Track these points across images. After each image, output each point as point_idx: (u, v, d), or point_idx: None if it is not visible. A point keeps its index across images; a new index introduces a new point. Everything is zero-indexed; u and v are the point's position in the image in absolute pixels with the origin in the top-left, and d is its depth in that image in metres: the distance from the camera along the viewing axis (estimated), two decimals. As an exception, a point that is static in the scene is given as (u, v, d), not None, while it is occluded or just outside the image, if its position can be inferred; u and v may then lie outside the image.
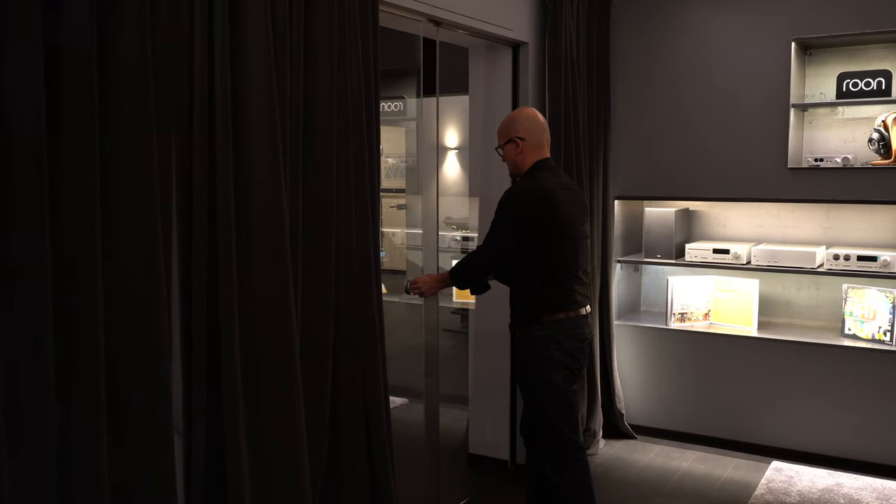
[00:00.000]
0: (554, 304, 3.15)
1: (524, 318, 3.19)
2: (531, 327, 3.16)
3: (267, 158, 2.30)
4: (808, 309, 4.77)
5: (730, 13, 4.56)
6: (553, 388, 3.12)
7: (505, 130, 3.24)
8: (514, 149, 3.20)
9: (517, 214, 3.11)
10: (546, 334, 3.13)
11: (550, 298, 3.16)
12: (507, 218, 3.12)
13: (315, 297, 2.59)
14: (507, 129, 3.24)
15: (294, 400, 2.40)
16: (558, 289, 3.15)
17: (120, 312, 1.93)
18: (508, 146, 3.21)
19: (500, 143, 3.23)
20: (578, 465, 3.19)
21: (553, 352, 3.12)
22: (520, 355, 3.25)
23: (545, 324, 3.13)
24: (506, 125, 3.25)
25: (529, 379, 3.19)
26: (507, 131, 3.23)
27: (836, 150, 4.56)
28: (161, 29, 2.01)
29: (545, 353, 3.13)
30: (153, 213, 1.96)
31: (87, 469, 1.84)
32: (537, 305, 3.16)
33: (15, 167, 1.66)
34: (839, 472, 4.26)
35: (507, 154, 3.23)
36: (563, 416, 3.15)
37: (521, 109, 3.35)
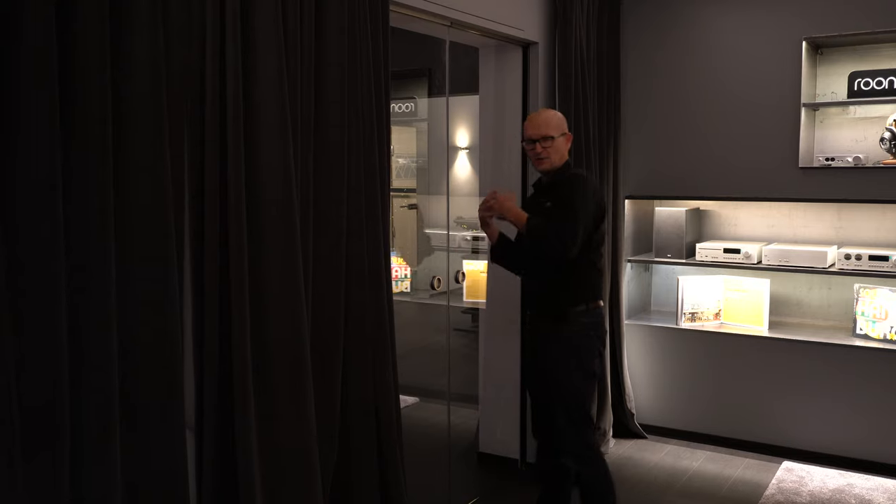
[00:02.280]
0: (595, 292, 3.25)
1: (563, 307, 3.18)
2: (572, 316, 3.17)
3: (278, 158, 2.31)
4: (820, 309, 4.75)
5: (741, 13, 4.56)
6: (591, 375, 3.21)
7: (559, 123, 3.24)
8: (565, 142, 3.24)
9: (592, 195, 3.15)
10: (588, 321, 3.20)
11: (594, 286, 3.26)
12: (589, 198, 3.12)
13: (326, 297, 2.60)
14: (560, 122, 3.25)
15: (305, 398, 2.42)
16: (599, 277, 3.29)
17: (132, 311, 1.94)
18: (561, 139, 3.22)
19: (555, 135, 3.20)
20: (601, 455, 3.32)
21: (593, 339, 3.22)
22: (555, 346, 3.19)
23: (588, 311, 3.19)
24: (558, 119, 3.26)
25: (564, 370, 3.17)
26: (561, 125, 3.25)
27: (847, 149, 4.54)
28: (173, 29, 2.03)
29: (586, 342, 3.19)
30: (165, 213, 1.98)
31: (99, 466, 1.86)
32: (582, 293, 3.19)
33: (28, 165, 1.68)
34: (850, 473, 4.24)
35: (556, 146, 3.20)
36: (593, 404, 3.27)
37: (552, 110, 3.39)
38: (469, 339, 5.73)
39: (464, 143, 6.22)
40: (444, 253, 4.57)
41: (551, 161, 3.21)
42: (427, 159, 6.39)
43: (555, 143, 3.20)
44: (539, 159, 3.22)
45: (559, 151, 3.22)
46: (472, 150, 6.10)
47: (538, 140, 3.19)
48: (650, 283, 5.29)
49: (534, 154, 3.22)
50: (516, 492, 4.15)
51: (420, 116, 6.44)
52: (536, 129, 3.21)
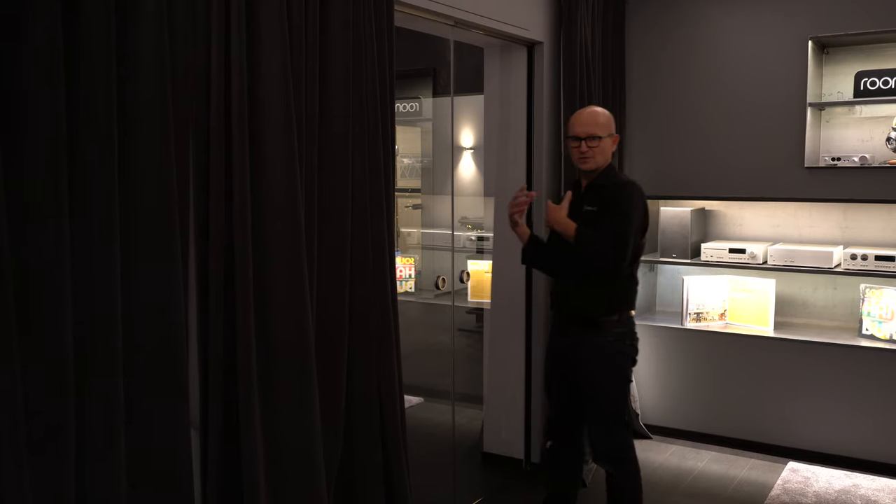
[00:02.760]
0: (630, 302, 3.21)
1: (597, 315, 3.12)
2: (606, 325, 3.12)
3: (283, 157, 2.32)
4: (825, 309, 4.74)
5: (746, 12, 4.55)
6: (626, 380, 3.21)
7: (607, 123, 3.16)
8: (611, 143, 3.18)
9: (643, 208, 3.12)
10: (621, 331, 3.15)
11: (630, 296, 3.22)
12: (641, 212, 3.10)
13: (330, 296, 2.60)
14: (608, 122, 3.17)
15: (309, 397, 2.42)
16: (635, 286, 3.25)
17: (137, 310, 1.95)
18: (608, 139, 3.15)
19: (602, 135, 3.13)
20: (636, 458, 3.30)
21: (627, 347, 3.18)
22: (589, 353, 3.14)
23: (620, 321, 3.14)
24: (607, 117, 3.18)
25: (599, 376, 3.14)
26: (609, 125, 3.17)
27: (853, 149, 4.53)
28: (177, 27, 2.03)
29: (620, 349, 3.16)
30: (170, 212, 1.99)
31: (104, 465, 1.86)
32: (617, 302, 3.15)
33: (34, 166, 1.69)
34: (856, 474, 4.23)
35: (602, 146, 3.12)
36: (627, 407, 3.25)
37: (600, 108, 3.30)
38: (473, 340, 5.74)
39: (468, 143, 6.22)
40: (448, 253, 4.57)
41: (596, 161, 3.13)
42: (432, 159, 6.39)
43: (601, 144, 3.12)
44: (583, 158, 3.12)
45: (605, 152, 3.14)
46: (476, 150, 6.10)
47: (584, 138, 3.11)
48: (655, 283, 5.28)
49: (578, 153, 3.13)
50: (521, 492, 4.15)
51: (425, 116, 6.44)
52: (584, 126, 3.12)
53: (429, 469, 4.13)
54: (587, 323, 3.14)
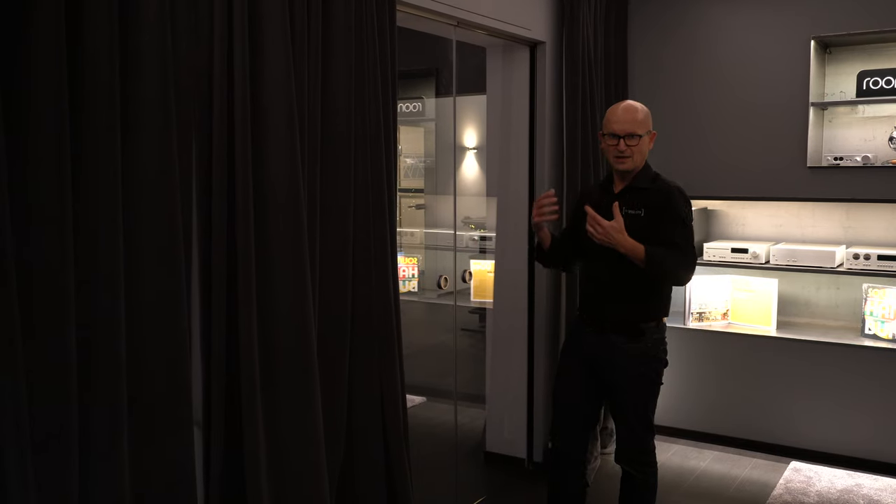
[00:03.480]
0: (667, 309, 3.12)
1: (637, 322, 3.02)
2: (647, 332, 3.03)
3: (285, 158, 2.32)
4: (828, 309, 4.74)
5: (749, 11, 4.55)
6: (658, 385, 3.14)
7: (646, 119, 2.99)
8: (649, 141, 3.02)
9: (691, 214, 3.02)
10: (661, 336, 3.08)
11: (669, 300, 3.13)
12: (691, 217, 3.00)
13: (333, 296, 2.61)
14: (647, 118, 3.00)
15: (311, 396, 2.43)
16: (670, 292, 3.14)
17: (140, 308, 1.96)
18: (646, 137, 2.98)
19: (642, 133, 2.96)
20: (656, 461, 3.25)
21: (661, 353, 3.10)
22: (625, 360, 3.03)
23: (657, 328, 3.06)
24: (646, 114, 3.00)
25: (635, 382, 3.05)
26: (648, 121, 3.00)
27: (856, 148, 4.53)
28: (181, 29, 2.04)
29: (661, 355, 3.09)
30: (173, 211, 2.00)
31: (108, 464, 1.87)
32: (662, 307, 3.07)
33: (37, 166, 1.70)
34: (858, 473, 4.23)
35: (642, 145, 2.97)
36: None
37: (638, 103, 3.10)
38: (476, 339, 5.74)
39: (471, 143, 6.23)
40: (451, 252, 4.57)
41: (634, 161, 2.96)
42: (434, 159, 6.40)
43: (640, 142, 2.95)
44: (621, 158, 2.95)
45: (643, 152, 2.98)
46: (479, 150, 6.11)
47: (624, 136, 2.92)
48: (658, 283, 5.27)
49: (615, 151, 2.95)
50: (523, 491, 4.16)
51: (427, 116, 6.45)
52: (622, 124, 2.93)
53: (431, 468, 4.14)
54: (629, 329, 3.02)
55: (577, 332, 3.21)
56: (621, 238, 2.84)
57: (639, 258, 2.85)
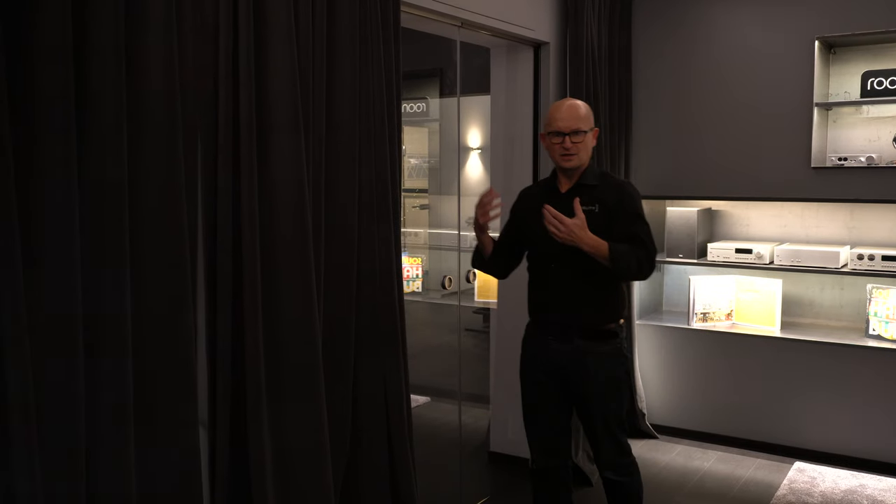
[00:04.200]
0: (625, 307, 3.02)
1: (604, 323, 2.94)
2: (616, 332, 2.96)
3: (290, 158, 2.33)
4: (832, 309, 4.74)
5: (753, 11, 4.55)
6: (629, 387, 3.08)
7: (588, 116, 2.91)
8: (592, 138, 2.94)
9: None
10: (623, 335, 3.00)
11: (625, 300, 3.04)
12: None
13: (337, 296, 2.62)
14: (590, 115, 2.92)
15: (316, 397, 2.43)
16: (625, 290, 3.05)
17: (146, 310, 1.97)
18: (590, 134, 2.92)
19: (586, 129, 2.90)
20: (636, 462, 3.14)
21: (626, 352, 3.02)
22: (598, 363, 2.92)
23: (622, 325, 2.97)
24: (587, 110, 2.92)
25: (609, 386, 2.95)
26: (590, 117, 2.92)
27: (860, 149, 4.52)
28: (186, 30, 2.05)
29: (623, 355, 2.99)
30: (179, 212, 2.00)
31: (115, 463, 1.88)
32: (622, 305, 2.99)
33: (44, 165, 1.71)
34: (863, 474, 4.23)
35: (587, 141, 2.90)
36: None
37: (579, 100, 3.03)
38: (480, 339, 5.75)
39: (475, 144, 6.23)
40: (455, 253, 4.58)
41: (580, 158, 2.89)
42: (438, 159, 6.40)
43: (585, 139, 2.90)
44: (567, 156, 2.87)
45: (588, 148, 2.91)
46: (483, 150, 6.11)
47: (569, 134, 2.86)
48: (662, 283, 5.28)
49: (560, 149, 2.88)
50: (527, 491, 4.15)
51: (431, 117, 6.46)
52: (566, 121, 2.87)
53: (435, 468, 4.15)
54: (597, 332, 2.93)
55: (538, 343, 3.03)
56: (584, 235, 2.75)
57: (602, 255, 2.77)
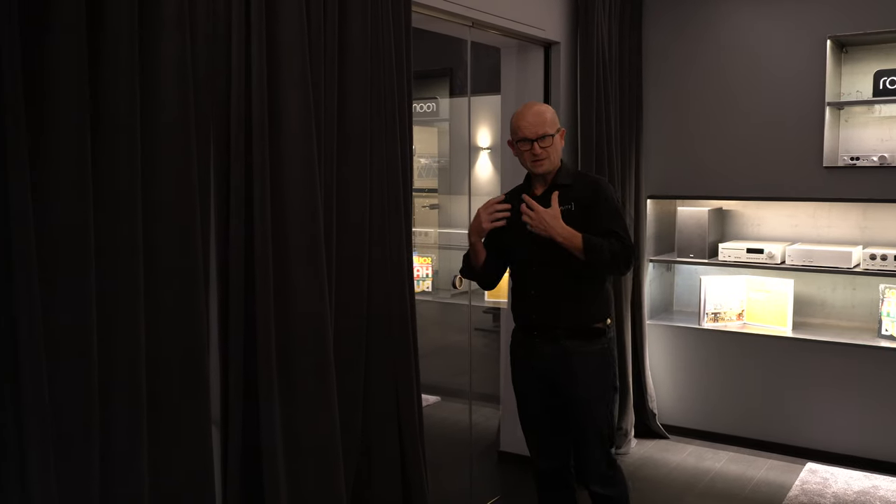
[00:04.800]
0: (611, 306, 3.01)
1: (592, 323, 2.90)
2: (602, 332, 2.91)
3: (302, 158, 2.34)
4: (844, 309, 4.71)
5: (764, 11, 4.53)
6: (617, 391, 3.01)
7: (553, 119, 2.88)
8: (560, 139, 2.91)
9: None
10: (612, 335, 2.96)
11: (611, 299, 3.02)
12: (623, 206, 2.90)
13: (348, 294, 2.63)
14: (554, 117, 2.89)
15: (328, 396, 2.44)
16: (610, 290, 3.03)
17: (159, 308, 1.98)
18: (557, 136, 2.88)
19: (552, 132, 2.85)
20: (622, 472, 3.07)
21: (615, 354, 2.98)
22: (587, 367, 2.88)
23: (610, 325, 2.93)
24: (552, 113, 2.89)
25: (599, 392, 2.91)
26: (556, 120, 2.89)
27: (872, 148, 4.50)
28: (199, 28, 2.07)
29: (612, 358, 2.95)
30: (191, 209, 2.02)
31: (128, 461, 1.89)
32: (606, 307, 2.94)
33: (58, 169, 1.72)
34: (875, 475, 4.21)
35: (555, 144, 2.87)
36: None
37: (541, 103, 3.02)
38: (490, 339, 5.75)
39: (485, 143, 6.24)
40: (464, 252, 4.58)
41: (551, 162, 2.87)
42: (448, 159, 6.41)
43: (554, 142, 2.86)
44: (538, 161, 2.85)
45: (557, 150, 2.88)
46: (493, 149, 6.12)
47: (536, 140, 2.83)
48: (672, 283, 5.27)
49: (530, 156, 2.85)
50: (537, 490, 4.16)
51: (442, 116, 6.46)
52: (532, 127, 2.83)
53: (446, 467, 4.15)
54: (584, 332, 2.89)
55: (525, 347, 2.99)
56: (556, 224, 2.74)
57: (577, 247, 2.75)
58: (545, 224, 2.75)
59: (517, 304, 3.04)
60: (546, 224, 2.75)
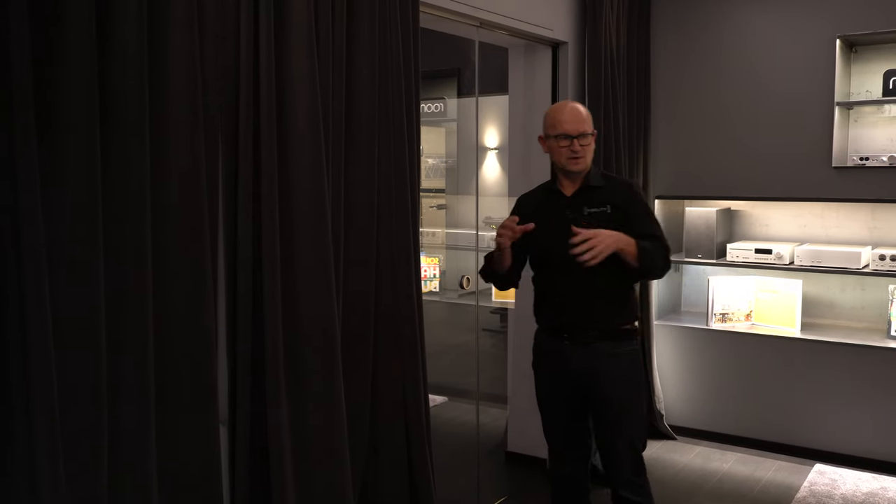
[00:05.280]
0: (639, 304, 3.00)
1: (623, 324, 2.86)
2: (633, 333, 2.88)
3: (310, 158, 2.35)
4: (853, 310, 4.69)
5: (773, 10, 4.52)
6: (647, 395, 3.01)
7: (590, 117, 2.85)
8: (594, 139, 2.89)
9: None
10: (638, 339, 2.92)
11: (637, 296, 2.99)
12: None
13: (356, 293, 2.63)
14: (590, 117, 2.86)
15: (335, 394, 2.45)
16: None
17: (168, 309, 1.99)
18: (592, 136, 2.86)
19: (591, 131, 2.84)
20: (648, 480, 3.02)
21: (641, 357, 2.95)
22: (621, 370, 2.84)
23: (636, 329, 2.90)
24: (588, 112, 2.86)
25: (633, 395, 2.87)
26: (591, 120, 2.86)
27: (882, 148, 4.48)
28: (208, 28, 2.07)
29: (641, 360, 2.92)
30: (200, 208, 2.02)
31: (136, 460, 1.90)
32: (634, 309, 2.92)
33: (67, 166, 1.73)
34: (884, 476, 4.19)
35: (592, 144, 2.86)
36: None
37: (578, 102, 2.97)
38: (497, 339, 5.75)
39: (493, 144, 6.23)
40: (472, 252, 4.58)
41: (586, 161, 2.84)
42: (456, 159, 6.41)
43: (591, 141, 2.84)
44: (575, 159, 2.81)
45: (592, 150, 2.87)
46: (501, 150, 6.11)
47: (577, 136, 2.80)
48: (680, 284, 5.26)
49: (568, 152, 2.80)
50: (545, 491, 4.15)
51: (449, 117, 6.46)
52: (573, 124, 2.80)
53: (453, 467, 4.15)
54: (618, 334, 2.84)
55: (553, 349, 2.91)
56: (615, 239, 2.66)
57: (633, 255, 2.70)
58: (605, 246, 2.63)
59: (543, 305, 2.96)
60: (607, 245, 2.63)
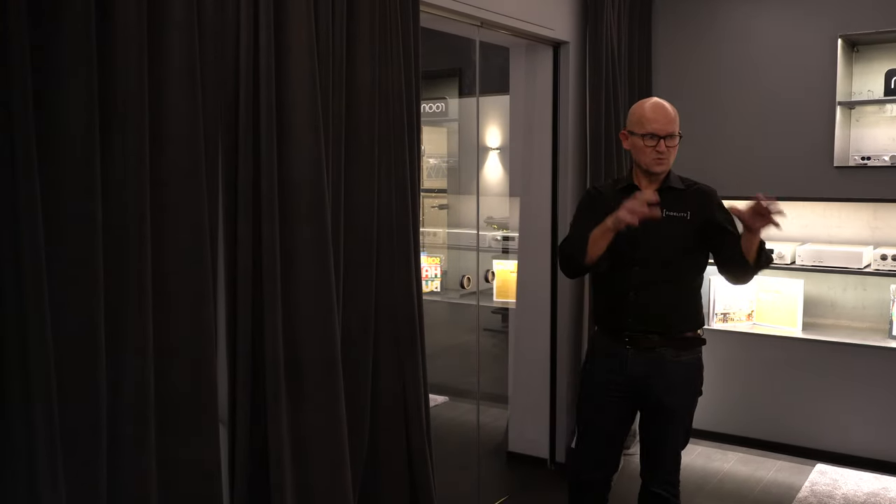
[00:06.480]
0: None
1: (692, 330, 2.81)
2: (698, 340, 2.83)
3: (310, 159, 2.34)
4: (855, 310, 4.69)
5: (774, 9, 4.51)
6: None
7: (677, 118, 2.77)
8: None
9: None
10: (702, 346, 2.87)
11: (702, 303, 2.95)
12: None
13: (356, 293, 2.63)
14: (677, 118, 2.77)
15: (335, 394, 2.45)
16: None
17: (168, 309, 1.99)
18: (679, 138, 2.77)
19: (678, 132, 2.77)
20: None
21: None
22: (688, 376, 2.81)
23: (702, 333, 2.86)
24: (675, 113, 2.77)
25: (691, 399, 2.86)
26: (678, 122, 2.78)
27: (883, 148, 4.48)
28: (207, 28, 2.07)
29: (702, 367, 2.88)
30: (200, 213, 2.02)
31: (135, 460, 1.90)
32: (702, 313, 2.87)
33: (67, 166, 1.73)
34: (886, 476, 4.18)
35: (675, 147, 2.77)
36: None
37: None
38: (498, 339, 5.75)
39: (494, 144, 6.23)
40: (473, 252, 4.58)
41: (669, 163, 2.75)
42: (457, 159, 6.41)
43: (677, 143, 2.76)
44: (661, 160, 2.72)
45: (675, 152, 2.78)
46: (502, 150, 6.11)
47: (664, 137, 2.70)
48: (681, 284, 5.25)
49: (654, 152, 2.70)
50: (545, 491, 4.15)
51: (450, 116, 6.46)
52: (664, 124, 2.70)
53: (453, 467, 4.15)
54: (686, 340, 2.79)
55: (613, 352, 2.82)
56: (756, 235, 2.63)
57: (753, 252, 2.65)
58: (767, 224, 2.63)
59: (609, 305, 2.86)
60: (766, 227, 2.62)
